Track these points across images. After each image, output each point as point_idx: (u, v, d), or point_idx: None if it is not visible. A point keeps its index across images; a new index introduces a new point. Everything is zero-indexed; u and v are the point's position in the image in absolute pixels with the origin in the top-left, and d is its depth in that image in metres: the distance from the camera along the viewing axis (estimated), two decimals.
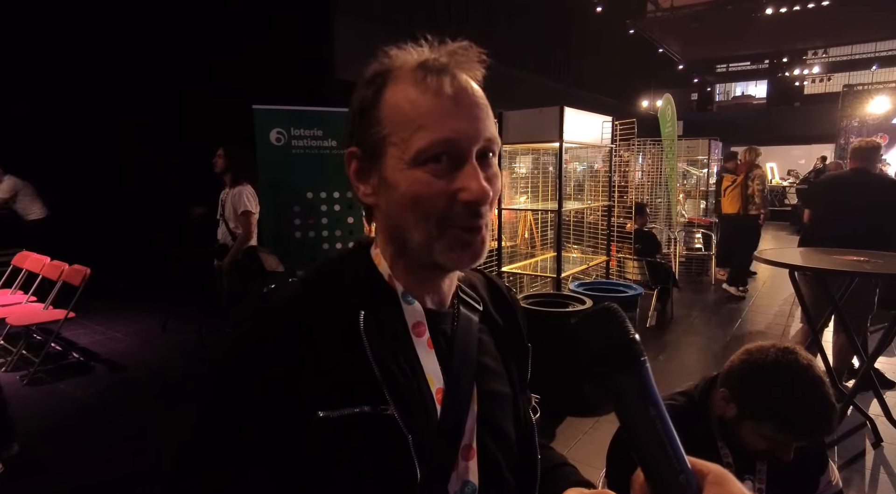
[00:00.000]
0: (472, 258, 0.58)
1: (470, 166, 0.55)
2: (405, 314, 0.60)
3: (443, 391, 0.59)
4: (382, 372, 0.55)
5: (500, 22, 10.84)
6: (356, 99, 0.59)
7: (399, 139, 0.55)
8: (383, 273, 0.62)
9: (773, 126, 17.59)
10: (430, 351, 0.60)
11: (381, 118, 0.56)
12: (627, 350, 0.45)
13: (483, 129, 0.56)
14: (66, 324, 3.93)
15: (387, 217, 0.59)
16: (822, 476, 1.31)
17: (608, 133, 4.80)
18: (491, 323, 0.70)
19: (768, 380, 1.13)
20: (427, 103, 0.54)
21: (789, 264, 2.70)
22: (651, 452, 0.45)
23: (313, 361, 0.54)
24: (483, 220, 0.57)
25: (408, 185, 0.55)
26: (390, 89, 0.56)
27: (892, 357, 4.13)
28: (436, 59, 0.56)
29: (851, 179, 3.43)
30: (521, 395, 0.70)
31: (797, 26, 13.01)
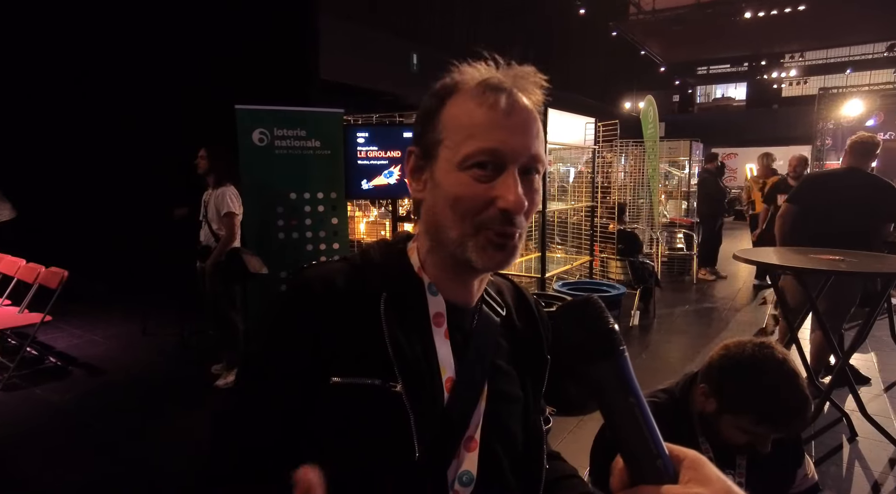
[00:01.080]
0: (502, 262, 0.62)
1: (510, 177, 0.59)
2: (428, 304, 0.65)
3: (452, 381, 0.63)
4: (395, 351, 0.60)
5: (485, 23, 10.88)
6: (423, 106, 0.66)
7: (451, 143, 0.61)
8: (414, 264, 0.67)
9: (753, 128, 17.93)
10: (446, 342, 0.65)
11: (439, 124, 0.62)
12: (606, 340, 0.46)
13: (529, 146, 0.61)
14: (43, 328, 3.84)
15: (430, 213, 0.64)
16: (798, 469, 1.33)
17: (591, 134, 4.85)
18: (512, 329, 0.73)
19: (746, 374, 1.16)
20: (481, 115, 0.60)
21: (768, 264, 2.75)
22: (629, 438, 0.46)
23: (337, 331, 0.60)
24: (516, 228, 0.61)
25: (451, 185, 0.60)
26: (452, 100, 0.62)
27: (867, 354, 4.23)
28: (498, 78, 0.62)
29: (846, 177, 3.35)
30: (532, 402, 0.73)
31: (774, 30, 13.28)
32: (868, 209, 3.23)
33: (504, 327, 0.71)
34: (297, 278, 0.65)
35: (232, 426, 0.62)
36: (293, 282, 0.65)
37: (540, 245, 4.32)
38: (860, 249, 3.01)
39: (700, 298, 6.32)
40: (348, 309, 0.62)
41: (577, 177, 5.76)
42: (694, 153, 8.27)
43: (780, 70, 19.18)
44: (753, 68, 19.90)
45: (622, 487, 0.47)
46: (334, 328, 0.60)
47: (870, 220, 3.24)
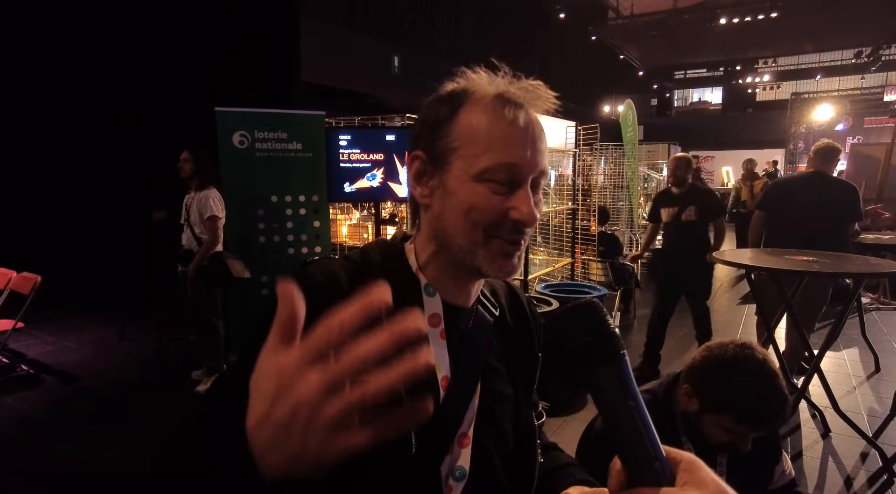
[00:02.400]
0: (511, 270, 0.65)
1: (524, 191, 0.62)
2: (424, 304, 0.66)
3: (448, 380, 0.64)
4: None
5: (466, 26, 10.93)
6: (431, 111, 0.66)
7: (468, 154, 0.62)
8: (412, 265, 0.68)
9: (729, 131, 18.34)
10: (442, 342, 0.66)
11: (453, 132, 0.63)
12: (608, 344, 0.47)
13: (541, 162, 0.64)
14: (15, 335, 3.73)
15: (437, 218, 0.65)
16: (777, 466, 1.37)
17: (572, 138, 4.90)
18: (505, 328, 0.75)
19: (727, 374, 1.19)
20: (500, 130, 0.62)
21: (744, 265, 2.82)
22: (628, 440, 0.46)
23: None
24: (524, 238, 0.64)
25: (467, 194, 0.62)
26: (467, 110, 0.63)
27: (839, 352, 4.35)
28: (514, 92, 0.64)
29: (811, 181, 3.50)
30: (524, 399, 0.75)
31: (748, 36, 13.60)
32: (833, 211, 3.36)
33: (497, 326, 0.73)
34: (301, 271, 0.65)
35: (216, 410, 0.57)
36: (297, 274, 0.65)
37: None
38: (829, 250, 3.11)
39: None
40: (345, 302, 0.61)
41: (559, 180, 5.82)
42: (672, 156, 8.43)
43: (754, 75, 19.64)
44: (729, 73, 20.34)
45: (620, 489, 0.48)
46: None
47: (835, 221, 3.36)
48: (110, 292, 5.34)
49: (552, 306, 3.53)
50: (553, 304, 3.55)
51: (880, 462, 2.68)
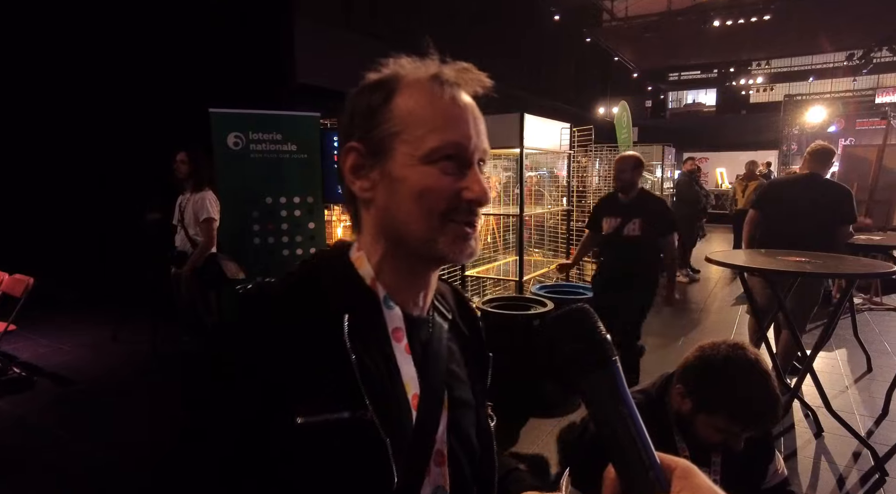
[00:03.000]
0: (471, 253, 0.62)
1: (473, 170, 0.61)
2: (386, 319, 0.62)
3: (418, 398, 0.61)
4: (363, 377, 0.56)
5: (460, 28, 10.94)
6: (362, 100, 0.62)
7: (412, 136, 0.59)
8: (364, 276, 0.63)
9: (723, 133, 18.42)
10: (408, 356, 0.62)
11: (391, 117, 0.60)
12: (599, 350, 0.47)
13: (484, 140, 0.63)
14: (7, 337, 3.70)
15: (384, 212, 0.61)
16: (770, 465, 1.38)
17: (566, 139, 4.92)
18: (458, 332, 0.73)
19: (720, 375, 1.20)
20: (442, 109, 0.60)
21: (738, 266, 2.84)
22: (621, 448, 0.46)
23: (295, 364, 0.55)
24: (478, 219, 0.62)
25: (417, 178, 0.59)
26: (403, 93, 0.61)
27: (832, 352, 4.38)
28: (448, 73, 0.62)
29: (804, 183, 3.53)
30: (481, 403, 0.73)
31: (742, 38, 13.67)
32: (827, 213, 3.38)
33: (451, 331, 0.71)
34: (242, 310, 0.59)
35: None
36: (237, 315, 0.59)
37: (517, 249, 4.35)
38: (821, 251, 3.13)
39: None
40: (305, 336, 0.56)
41: (553, 181, 5.83)
42: (666, 158, 8.47)
43: (747, 77, 19.75)
44: (723, 75, 20.45)
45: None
46: (292, 361, 0.55)
47: (829, 223, 3.38)
48: (103, 294, 5.31)
49: (547, 306, 3.53)
50: (548, 305, 3.56)
51: (872, 462, 2.69)
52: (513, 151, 4.34)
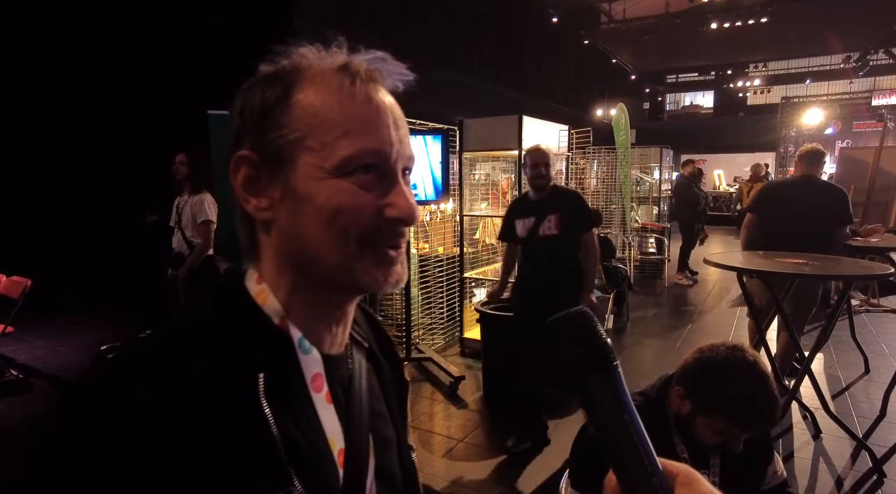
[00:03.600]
0: (397, 280, 0.52)
1: (398, 182, 0.51)
2: (303, 367, 0.51)
3: (345, 454, 0.53)
4: (287, 449, 0.46)
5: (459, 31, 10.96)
6: (252, 97, 0.50)
7: (318, 144, 0.48)
8: (272, 315, 0.51)
9: (720, 135, 18.47)
10: (330, 407, 0.53)
11: (291, 120, 0.49)
12: (600, 355, 0.45)
13: (408, 145, 0.52)
14: (4, 339, 3.70)
15: (289, 237, 0.50)
16: (768, 467, 1.38)
17: (565, 141, 4.93)
18: (375, 361, 0.64)
19: (718, 376, 1.20)
20: (355, 109, 0.49)
21: (736, 267, 2.84)
22: (624, 455, 0.45)
23: (201, 447, 0.42)
24: (404, 239, 0.52)
25: (328, 195, 0.48)
26: (304, 89, 0.49)
27: (829, 354, 4.39)
28: (359, 64, 0.51)
29: (799, 185, 3.56)
30: (402, 436, 0.65)
31: (739, 41, 13.72)
32: (824, 215, 3.40)
33: (368, 360, 0.62)
34: (115, 389, 0.44)
35: None
36: (107, 395, 0.44)
37: None
38: (819, 253, 3.14)
39: (672, 301, 6.46)
40: (211, 411, 0.43)
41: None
42: (664, 160, 8.49)
43: (744, 79, 19.79)
44: (720, 77, 20.49)
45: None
46: (197, 446, 0.42)
47: (826, 225, 3.40)
48: (101, 296, 5.30)
49: None
50: None
51: (870, 463, 2.70)
52: (511, 153, 4.35)
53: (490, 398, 3.55)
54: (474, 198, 4.91)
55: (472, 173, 5.02)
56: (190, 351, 0.46)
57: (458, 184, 4.49)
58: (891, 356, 4.35)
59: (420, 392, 3.74)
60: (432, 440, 3.08)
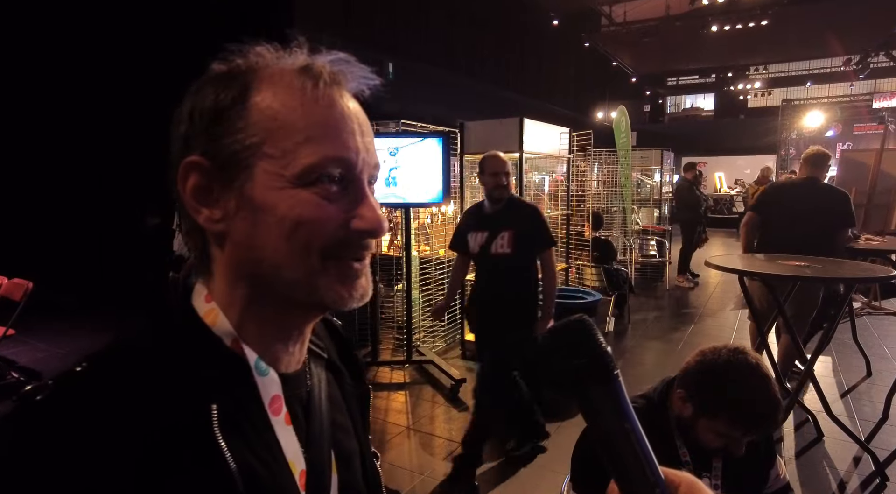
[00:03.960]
0: (362, 295, 0.49)
1: (364, 192, 0.48)
2: (260, 390, 0.48)
3: (306, 476, 0.50)
4: (246, 482, 0.43)
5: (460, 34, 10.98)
6: (205, 98, 0.46)
7: (278, 151, 0.45)
8: (223, 337, 0.47)
9: (721, 137, 18.47)
10: (289, 428, 0.50)
11: (247, 124, 0.45)
12: (600, 364, 0.45)
13: (374, 153, 0.50)
14: (5, 342, 3.70)
15: (244, 250, 0.46)
16: (771, 470, 1.37)
17: (566, 144, 4.93)
18: (335, 371, 0.61)
19: (720, 379, 1.20)
20: (318, 113, 0.46)
21: (737, 270, 2.84)
22: (625, 465, 0.44)
23: (152, 489, 0.39)
24: (369, 252, 0.50)
25: (289, 207, 0.45)
26: (262, 91, 0.46)
27: (830, 356, 4.38)
28: (322, 66, 0.48)
29: (802, 187, 3.57)
30: (365, 445, 0.63)
31: (740, 43, 13.76)
32: (826, 217, 3.40)
33: (329, 371, 0.59)
34: (46, 435, 0.39)
35: None
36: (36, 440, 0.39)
37: None
38: (821, 255, 3.14)
39: (673, 304, 6.45)
40: (161, 454, 0.39)
41: (552, 185, 5.85)
42: (665, 162, 8.49)
43: (745, 82, 19.82)
44: (721, 80, 20.51)
45: None
46: (144, 487, 0.38)
47: (828, 227, 3.40)
48: (102, 299, 5.30)
49: None
50: None
51: (873, 466, 2.69)
52: (512, 156, 4.35)
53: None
54: (475, 200, 4.91)
55: (474, 176, 5.02)
56: (132, 383, 0.42)
57: (458, 186, 4.50)
58: (893, 359, 4.34)
59: (421, 395, 3.73)
60: (433, 442, 3.07)
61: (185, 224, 0.49)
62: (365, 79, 0.50)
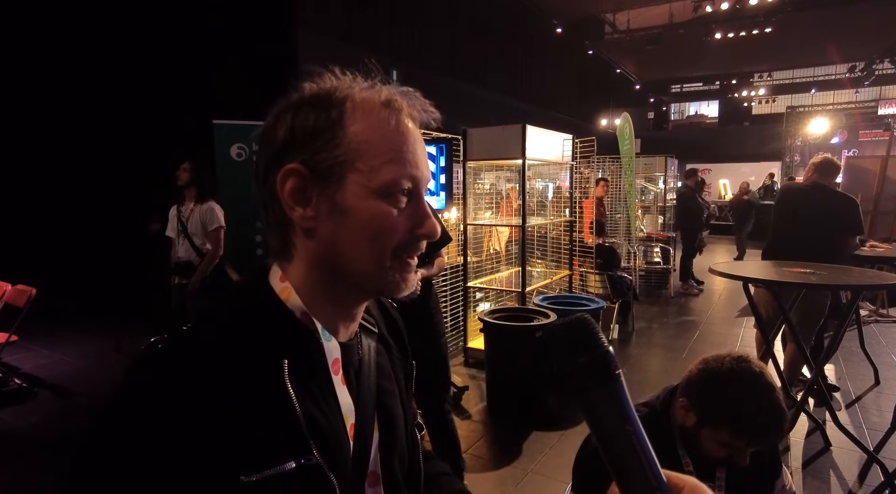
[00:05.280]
0: (414, 286, 0.61)
1: (425, 204, 0.60)
2: (325, 353, 0.59)
3: (354, 428, 0.60)
4: (308, 424, 0.53)
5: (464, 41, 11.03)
6: (305, 118, 0.57)
7: (366, 167, 0.56)
8: (294, 309, 0.58)
9: (725, 144, 18.44)
10: (344, 387, 0.61)
11: (344, 143, 0.56)
12: (602, 364, 0.44)
13: (428, 168, 0.61)
14: (8, 348, 3.70)
15: (328, 244, 0.57)
16: (776, 481, 1.35)
17: (569, 151, 4.92)
18: (385, 344, 0.72)
19: (724, 388, 1.18)
20: (396, 140, 0.57)
21: (742, 277, 2.81)
22: (626, 468, 0.44)
23: (229, 422, 0.49)
24: (421, 251, 0.61)
25: (371, 213, 0.56)
26: (356, 118, 0.57)
27: (838, 365, 4.33)
28: (400, 102, 0.59)
29: (810, 192, 3.54)
30: (409, 413, 0.73)
31: (744, 50, 13.75)
32: (832, 223, 3.36)
33: (379, 343, 0.70)
34: (162, 367, 0.52)
35: None
36: (154, 373, 0.52)
37: (520, 260, 4.34)
38: (827, 262, 3.10)
39: (677, 311, 6.41)
40: (242, 389, 0.51)
41: (556, 192, 5.84)
42: (669, 169, 8.47)
43: (749, 89, 19.81)
44: (725, 87, 20.52)
45: None
46: (229, 418, 0.49)
47: (835, 234, 3.36)
48: (105, 305, 5.31)
49: (550, 318, 3.51)
50: (551, 316, 3.53)
51: (882, 477, 2.65)
52: (515, 162, 4.35)
53: (494, 408, 3.52)
54: (478, 207, 4.91)
55: (477, 182, 5.02)
56: (224, 342, 0.54)
57: (461, 193, 4.49)
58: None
59: None
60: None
61: (271, 217, 0.60)
62: (427, 112, 0.61)
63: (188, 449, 0.47)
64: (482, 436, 3.21)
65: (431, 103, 0.62)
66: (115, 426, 0.51)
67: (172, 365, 0.52)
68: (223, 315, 0.58)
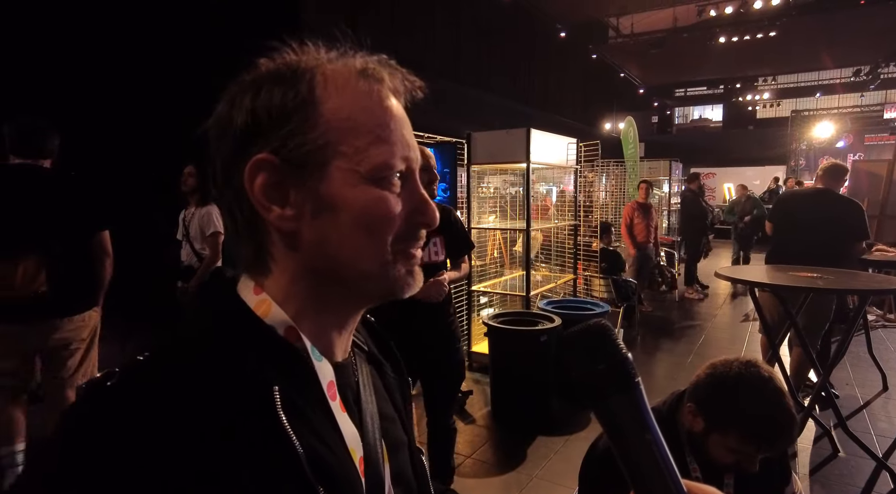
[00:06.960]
0: (419, 283, 0.52)
1: (421, 189, 0.51)
2: (319, 376, 0.49)
3: (363, 462, 0.51)
4: (312, 464, 0.43)
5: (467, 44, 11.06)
6: (270, 97, 0.47)
7: (351, 149, 0.47)
8: (276, 325, 0.48)
9: (729, 148, 18.38)
10: (345, 415, 0.51)
11: (321, 124, 0.46)
12: (622, 371, 0.43)
13: (416, 147, 0.52)
14: None
15: (316, 249, 0.48)
16: (786, 487, 1.33)
17: (573, 154, 4.92)
18: (376, 363, 0.63)
19: (732, 393, 1.16)
20: (381, 115, 0.48)
21: (747, 281, 2.80)
22: (646, 477, 0.43)
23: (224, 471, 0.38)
24: (422, 242, 0.53)
25: (364, 202, 0.47)
26: (329, 92, 0.47)
27: (845, 370, 4.29)
28: (378, 70, 0.50)
29: (816, 197, 3.55)
30: (411, 436, 0.64)
31: (748, 54, 13.73)
32: (837, 228, 3.35)
33: (369, 362, 0.61)
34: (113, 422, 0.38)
35: None
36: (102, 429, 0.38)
37: (524, 264, 4.33)
38: (833, 266, 3.08)
39: (682, 315, 6.38)
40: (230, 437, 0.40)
41: (560, 196, 5.83)
42: (673, 173, 8.46)
43: (753, 93, 19.75)
44: (729, 91, 20.47)
45: None
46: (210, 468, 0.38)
47: (842, 238, 3.35)
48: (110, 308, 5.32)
49: (555, 322, 3.49)
50: (556, 320, 3.52)
51: (891, 484, 2.62)
52: (519, 166, 4.35)
53: (498, 413, 3.50)
54: (482, 211, 4.90)
55: (481, 186, 5.02)
56: (196, 373, 0.42)
57: (465, 197, 4.49)
58: None
59: None
60: None
61: (240, 220, 0.49)
62: (408, 81, 0.52)
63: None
64: (486, 441, 3.20)
65: (410, 73, 0.53)
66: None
67: (124, 420, 0.38)
68: (190, 343, 0.46)
